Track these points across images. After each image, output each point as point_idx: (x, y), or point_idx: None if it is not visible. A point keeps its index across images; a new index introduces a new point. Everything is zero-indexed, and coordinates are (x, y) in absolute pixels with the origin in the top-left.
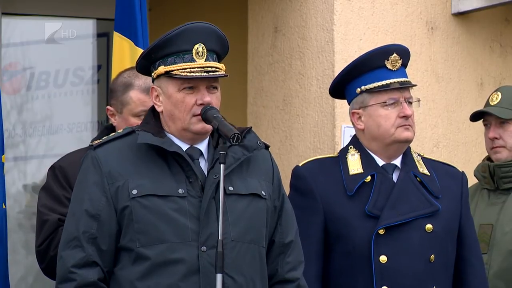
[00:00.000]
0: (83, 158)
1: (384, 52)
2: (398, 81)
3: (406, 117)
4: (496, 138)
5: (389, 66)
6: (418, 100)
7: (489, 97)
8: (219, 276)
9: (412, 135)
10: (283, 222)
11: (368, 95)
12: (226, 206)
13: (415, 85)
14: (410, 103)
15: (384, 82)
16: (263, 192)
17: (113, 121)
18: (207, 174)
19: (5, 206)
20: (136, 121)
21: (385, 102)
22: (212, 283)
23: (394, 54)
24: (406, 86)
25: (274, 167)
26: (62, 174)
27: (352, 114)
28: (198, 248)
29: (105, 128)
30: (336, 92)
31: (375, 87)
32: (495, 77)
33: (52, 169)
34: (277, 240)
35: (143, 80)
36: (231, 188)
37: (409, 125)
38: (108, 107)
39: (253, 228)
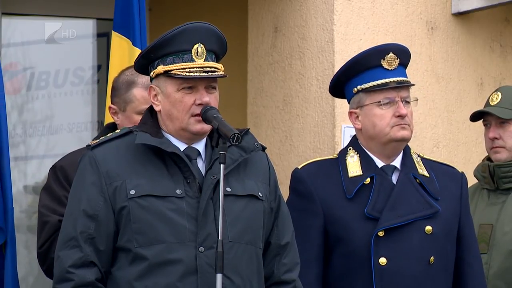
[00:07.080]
0: (80, 158)
1: (379, 51)
2: (394, 81)
3: (401, 116)
4: (496, 138)
5: (386, 66)
6: (416, 100)
7: (489, 97)
8: (219, 276)
9: (408, 134)
10: (279, 223)
11: (364, 94)
12: (224, 207)
13: (413, 85)
14: (408, 102)
15: (379, 82)
16: (260, 194)
17: (115, 119)
18: (205, 174)
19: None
20: (140, 119)
21: (380, 102)
22: (210, 284)
23: (391, 54)
24: (402, 86)
25: (270, 169)
26: (63, 174)
27: (350, 113)
28: (195, 248)
29: (106, 127)
30: (336, 92)
31: (370, 86)
32: (495, 77)
33: (53, 169)
34: (273, 242)
35: (146, 78)
36: (228, 189)
37: (406, 124)
38: (111, 105)
39: (250, 229)
